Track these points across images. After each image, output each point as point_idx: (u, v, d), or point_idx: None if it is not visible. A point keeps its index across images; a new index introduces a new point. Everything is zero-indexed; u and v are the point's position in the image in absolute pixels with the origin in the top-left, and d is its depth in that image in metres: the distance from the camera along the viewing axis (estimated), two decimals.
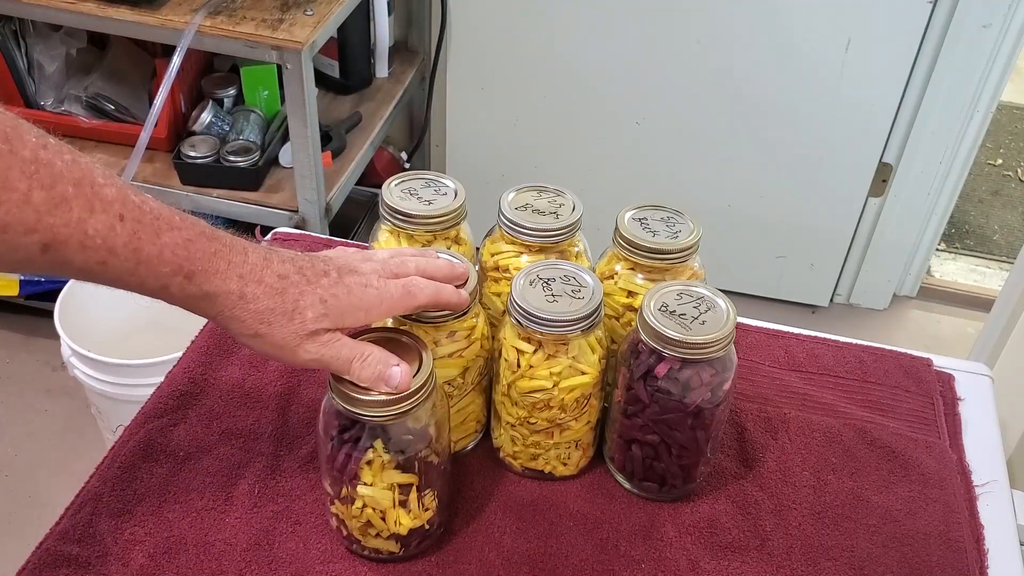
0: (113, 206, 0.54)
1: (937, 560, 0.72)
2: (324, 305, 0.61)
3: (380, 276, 0.65)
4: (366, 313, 0.63)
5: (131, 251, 0.55)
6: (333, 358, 0.62)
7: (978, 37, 1.75)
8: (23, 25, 1.63)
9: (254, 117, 1.63)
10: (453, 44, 1.97)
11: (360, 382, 0.62)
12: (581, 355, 0.70)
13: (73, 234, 0.52)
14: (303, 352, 0.61)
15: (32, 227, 0.51)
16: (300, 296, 0.60)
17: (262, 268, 0.60)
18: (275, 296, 0.60)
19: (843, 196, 1.97)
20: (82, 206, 0.52)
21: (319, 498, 0.73)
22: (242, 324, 0.60)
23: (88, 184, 0.53)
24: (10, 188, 0.50)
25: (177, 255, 0.56)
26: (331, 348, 0.62)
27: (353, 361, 0.62)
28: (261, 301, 0.59)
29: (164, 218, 0.57)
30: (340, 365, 0.62)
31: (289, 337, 0.60)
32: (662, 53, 1.86)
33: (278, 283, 0.60)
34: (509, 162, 2.09)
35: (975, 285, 2.27)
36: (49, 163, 0.51)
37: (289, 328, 0.60)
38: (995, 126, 2.82)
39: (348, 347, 0.62)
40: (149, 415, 0.79)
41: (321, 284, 0.62)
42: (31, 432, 1.76)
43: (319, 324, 0.61)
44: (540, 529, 0.73)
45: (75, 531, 0.70)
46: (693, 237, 0.74)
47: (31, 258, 0.52)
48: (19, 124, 0.51)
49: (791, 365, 0.90)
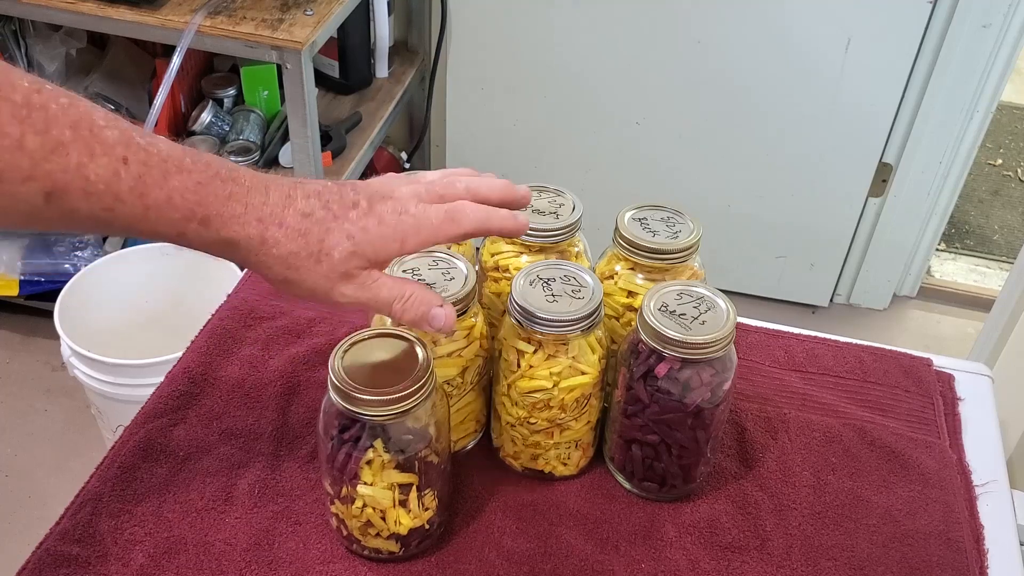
0: (115, 149, 0.51)
1: (937, 560, 0.72)
2: (352, 241, 0.57)
3: (420, 200, 0.60)
4: (401, 244, 0.59)
5: (137, 196, 0.52)
6: (372, 299, 0.59)
7: (978, 37, 1.75)
8: (23, 25, 1.63)
9: (254, 117, 1.63)
10: (453, 44, 1.97)
11: (403, 323, 0.59)
12: (581, 355, 0.70)
13: (73, 180, 0.50)
14: (338, 295, 0.58)
15: (29, 174, 0.48)
16: (325, 235, 0.56)
17: (283, 208, 0.56)
18: (298, 238, 0.56)
19: (843, 196, 1.97)
20: (81, 150, 0.50)
21: (319, 498, 0.73)
22: (269, 270, 0.57)
23: (87, 127, 0.50)
24: (1, 134, 0.47)
25: (187, 200, 0.53)
26: (368, 290, 0.58)
27: (394, 303, 0.59)
28: (283, 245, 0.56)
29: (174, 160, 0.53)
30: (380, 307, 0.59)
31: (320, 281, 0.57)
32: (662, 53, 1.86)
33: (301, 223, 0.56)
34: (509, 162, 2.09)
35: (975, 285, 2.27)
36: (43, 107, 0.49)
37: (318, 271, 0.57)
38: (995, 126, 2.81)
39: (387, 287, 0.59)
40: (149, 415, 0.79)
41: (348, 218, 0.57)
42: (31, 432, 1.76)
43: (349, 264, 0.57)
44: (540, 529, 0.73)
45: (75, 531, 0.70)
46: (693, 237, 0.74)
47: (36, 210, 0.50)
48: (10, 70, 0.49)
49: (791, 365, 0.90)
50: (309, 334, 0.88)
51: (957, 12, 1.73)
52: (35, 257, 1.81)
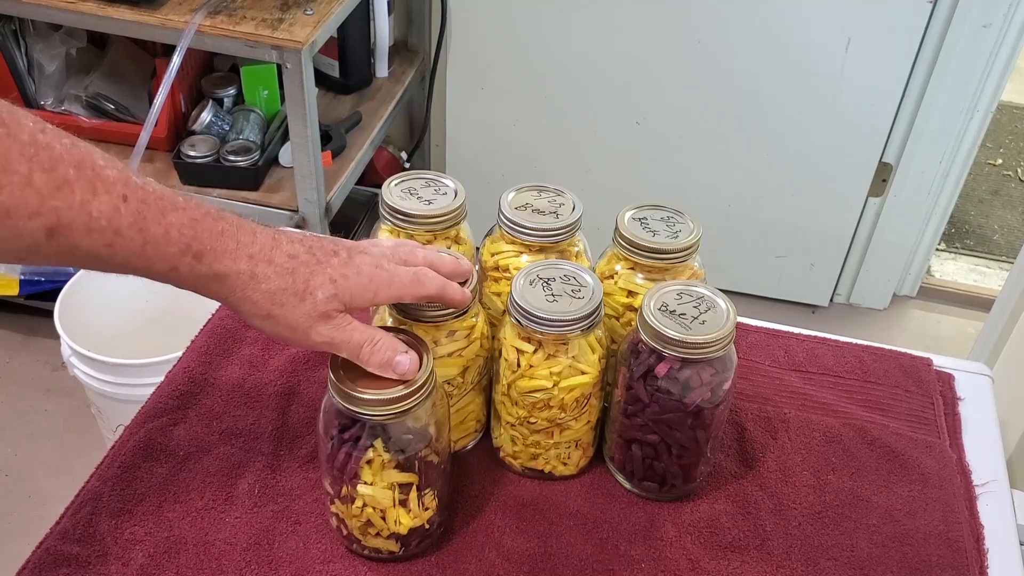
0: (116, 187, 0.53)
1: (937, 560, 0.72)
2: (334, 285, 0.61)
3: (390, 260, 0.65)
4: (375, 294, 0.63)
5: (137, 231, 0.54)
6: (344, 342, 0.62)
7: (978, 37, 1.75)
8: (23, 25, 1.63)
9: (254, 117, 1.63)
10: (453, 44, 1.97)
11: (368, 367, 0.62)
12: (581, 355, 0.70)
13: (77, 216, 0.52)
14: (315, 334, 0.61)
15: (36, 211, 0.50)
16: (311, 276, 0.60)
17: (271, 248, 0.60)
18: (286, 276, 0.59)
19: (843, 196, 1.97)
20: (84, 188, 0.52)
21: (319, 498, 0.73)
22: (254, 305, 0.60)
23: (89, 166, 0.52)
24: (11, 171, 0.49)
25: (184, 234, 0.56)
26: (343, 331, 0.61)
27: (364, 345, 0.62)
28: (272, 281, 0.59)
29: (168, 198, 0.56)
30: (351, 349, 0.62)
31: (301, 319, 0.60)
32: (662, 53, 1.86)
33: (288, 263, 0.60)
34: (509, 162, 2.09)
35: (975, 285, 2.27)
36: (48, 146, 0.51)
37: (301, 309, 0.60)
38: (995, 126, 2.81)
39: (359, 331, 0.62)
40: (149, 415, 0.79)
41: (331, 264, 0.61)
42: (31, 432, 1.76)
43: (330, 305, 0.60)
44: (540, 529, 0.73)
45: (75, 531, 0.70)
46: (693, 237, 0.74)
47: (36, 244, 0.52)
48: (15, 110, 0.51)
49: (791, 365, 0.90)
50: None
51: (957, 12, 1.73)
52: None
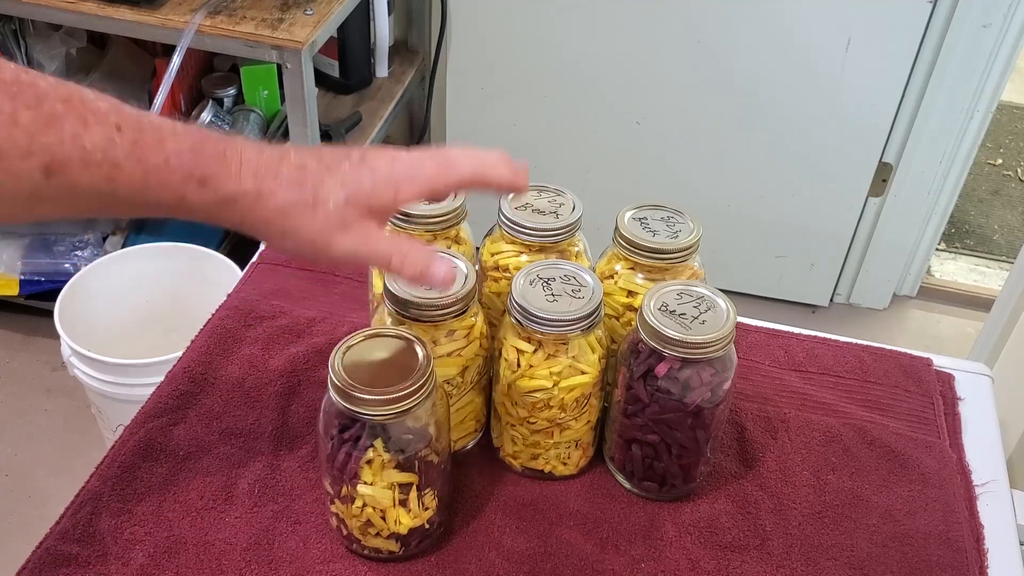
0: (108, 117, 0.52)
1: (937, 560, 0.72)
2: (346, 190, 0.57)
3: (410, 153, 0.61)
4: (395, 192, 0.59)
5: (135, 161, 0.52)
6: (370, 253, 0.59)
7: (978, 37, 1.75)
8: (23, 25, 1.63)
9: (254, 117, 1.63)
10: (453, 44, 1.97)
11: (402, 279, 0.59)
12: (581, 355, 0.70)
13: (71, 151, 0.50)
14: (337, 246, 0.58)
15: (27, 149, 0.49)
16: (319, 184, 0.57)
17: (278, 162, 0.57)
18: (293, 187, 0.57)
19: (843, 196, 1.97)
20: (75, 121, 0.51)
21: (319, 498, 0.73)
22: (267, 226, 0.57)
23: (78, 100, 0.51)
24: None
25: (184, 161, 0.54)
26: (366, 243, 0.58)
27: (393, 257, 0.59)
28: (278, 196, 0.56)
29: (166, 127, 0.54)
30: (378, 260, 0.59)
31: (318, 231, 0.57)
32: (662, 53, 1.86)
33: (296, 174, 0.57)
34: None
35: (975, 285, 2.27)
36: (32, 83, 0.50)
37: (315, 221, 0.57)
38: (995, 126, 2.81)
39: (386, 241, 0.59)
40: (149, 415, 0.79)
41: (342, 168, 0.58)
42: (31, 432, 1.76)
43: (344, 212, 0.57)
44: (540, 529, 0.73)
45: (75, 531, 0.70)
46: (693, 237, 0.74)
47: (37, 188, 0.50)
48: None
49: (791, 365, 0.90)
50: (309, 334, 0.88)
51: (957, 12, 1.73)
52: (35, 257, 1.80)
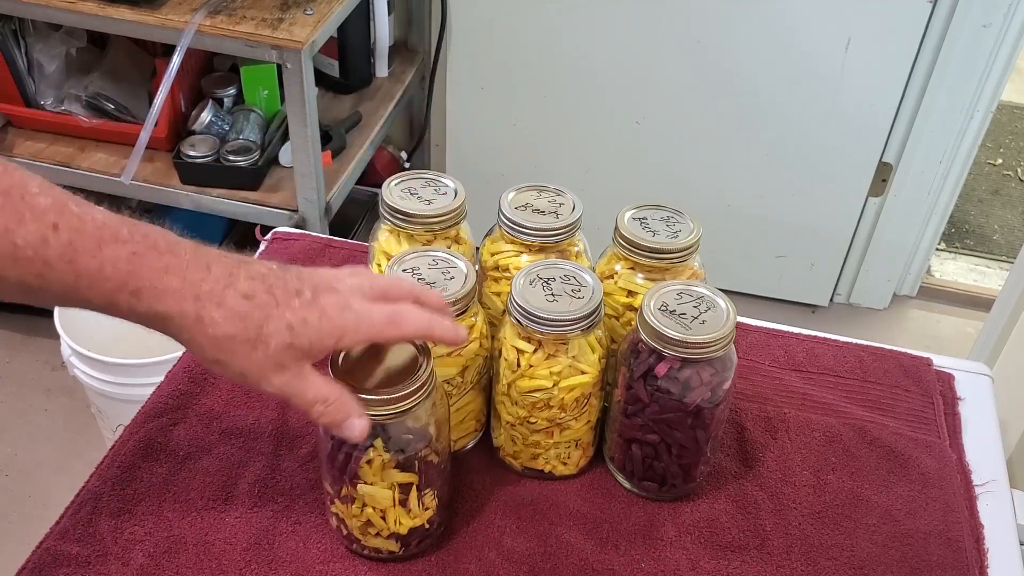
0: (46, 216, 0.51)
1: (937, 560, 0.72)
2: (291, 333, 0.56)
3: (363, 297, 0.59)
4: (338, 340, 0.58)
5: (67, 263, 0.51)
6: (298, 396, 0.58)
7: (978, 37, 1.75)
8: (23, 25, 1.63)
9: (254, 117, 1.63)
10: (453, 44, 1.97)
11: (319, 423, 0.60)
12: (581, 355, 0.70)
13: (1, 246, 0.50)
14: (266, 384, 0.57)
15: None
16: (265, 321, 0.55)
17: (224, 287, 0.55)
18: (236, 321, 0.55)
19: (843, 196, 1.97)
20: (9, 216, 0.50)
21: (319, 498, 0.73)
22: (201, 349, 0.56)
23: (18, 194, 0.50)
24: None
25: (119, 270, 0.52)
26: (297, 386, 0.57)
27: (316, 404, 0.58)
28: (220, 327, 0.55)
29: (109, 229, 0.53)
30: (303, 404, 0.58)
31: (253, 368, 0.56)
32: (662, 53, 1.86)
33: (242, 305, 0.55)
34: (509, 162, 2.09)
35: (975, 285, 2.27)
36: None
37: (252, 358, 0.56)
38: (995, 126, 2.81)
39: (315, 386, 0.58)
40: (149, 415, 0.79)
41: (291, 306, 0.56)
42: (31, 432, 1.76)
43: (284, 355, 0.56)
44: (540, 529, 0.73)
45: (75, 530, 0.70)
46: (693, 237, 0.74)
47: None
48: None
49: (791, 365, 0.90)
50: None
51: (957, 12, 1.73)
52: None
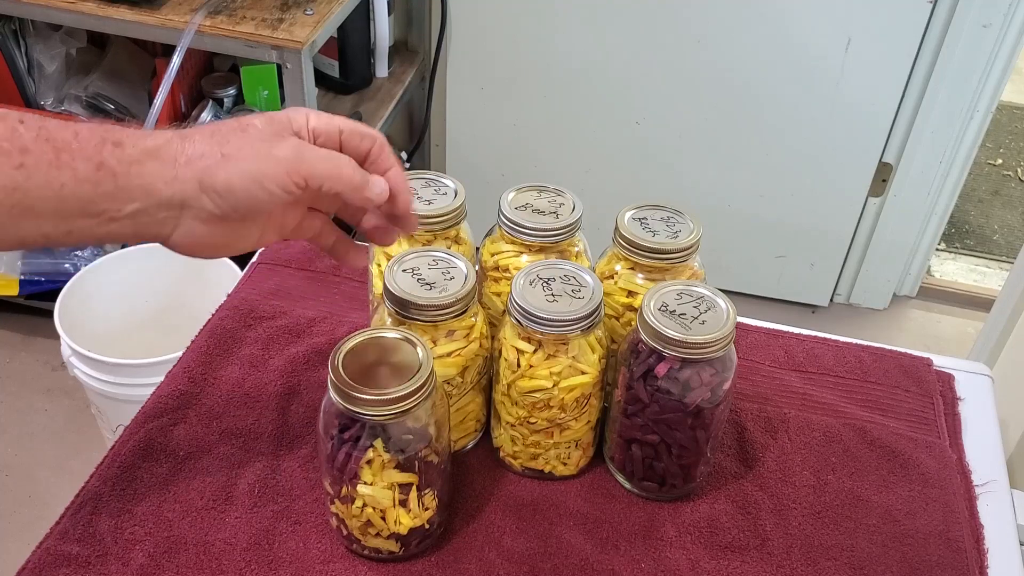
0: (9, 116, 0.52)
1: (937, 560, 0.72)
2: (264, 115, 0.58)
3: None
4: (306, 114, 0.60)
5: (43, 141, 0.52)
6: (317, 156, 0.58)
7: (978, 37, 1.75)
8: (23, 25, 1.63)
9: None
10: (453, 44, 1.97)
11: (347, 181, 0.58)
12: (581, 355, 0.70)
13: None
14: (278, 151, 0.56)
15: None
16: (239, 118, 0.58)
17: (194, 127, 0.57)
18: (215, 124, 0.57)
19: (843, 196, 1.97)
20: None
21: (319, 498, 0.73)
22: (203, 158, 0.55)
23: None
24: None
25: (95, 131, 0.54)
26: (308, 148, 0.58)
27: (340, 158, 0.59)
28: (205, 129, 0.56)
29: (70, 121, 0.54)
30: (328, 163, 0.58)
31: (257, 144, 0.56)
32: (662, 53, 1.86)
33: (212, 125, 0.57)
34: (509, 162, 2.09)
35: (975, 285, 2.27)
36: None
37: (249, 138, 0.56)
38: (995, 126, 2.82)
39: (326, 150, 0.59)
40: (149, 415, 0.79)
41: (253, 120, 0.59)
42: (31, 432, 1.76)
43: (272, 126, 0.57)
44: (540, 529, 0.73)
45: (75, 531, 0.70)
46: (693, 237, 0.74)
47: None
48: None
49: (791, 365, 0.90)
50: (309, 334, 0.88)
51: (957, 12, 1.73)
52: (35, 257, 1.80)
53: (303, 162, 0.57)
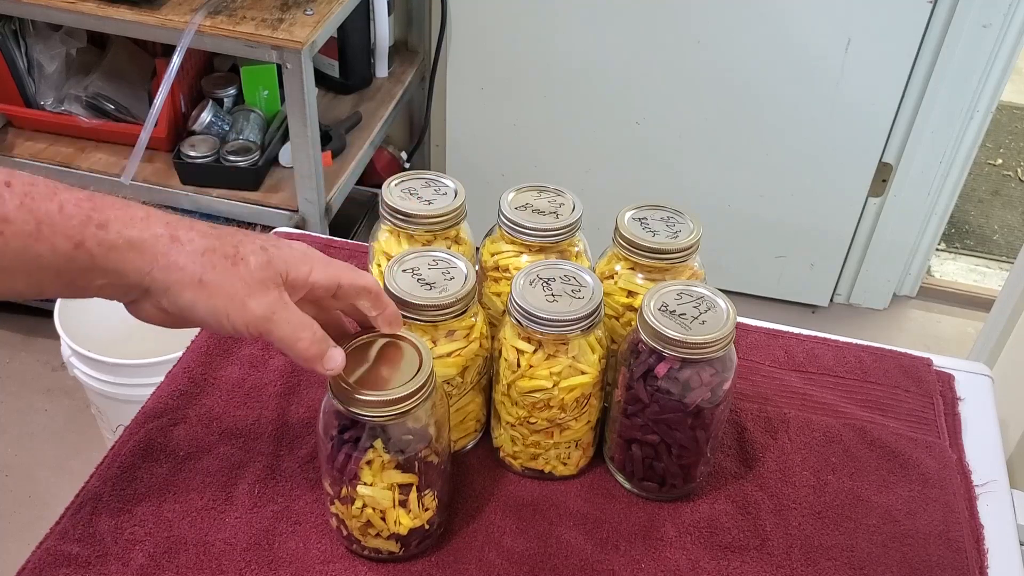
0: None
1: (937, 560, 0.72)
2: (266, 253, 0.57)
3: None
4: (312, 268, 0.60)
5: (27, 212, 0.51)
6: (285, 320, 0.57)
7: (978, 37, 1.75)
8: (23, 25, 1.63)
9: (254, 117, 1.63)
10: (453, 44, 1.97)
11: (300, 355, 0.59)
12: (581, 355, 0.70)
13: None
14: (253, 303, 0.56)
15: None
16: (240, 242, 0.56)
17: (188, 222, 0.56)
18: (212, 239, 0.55)
19: (843, 196, 1.97)
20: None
21: (319, 498, 0.73)
22: (181, 272, 0.54)
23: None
24: None
25: (81, 207, 0.52)
26: (281, 311, 0.57)
27: (304, 331, 0.58)
28: (197, 243, 0.55)
29: (60, 186, 0.53)
30: (289, 329, 0.58)
31: (238, 285, 0.55)
32: (662, 53, 1.86)
33: (212, 230, 0.56)
34: (509, 162, 2.09)
35: (975, 285, 2.27)
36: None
37: (235, 274, 0.55)
38: (995, 126, 2.82)
39: (298, 314, 0.58)
40: (149, 415, 0.79)
41: (259, 236, 0.59)
42: (31, 432, 1.76)
43: (265, 272, 0.57)
44: (540, 529, 0.73)
45: (75, 531, 0.70)
46: (693, 237, 0.74)
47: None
48: None
49: (791, 365, 0.90)
50: None
51: (957, 12, 1.73)
52: None
53: (269, 323, 0.57)
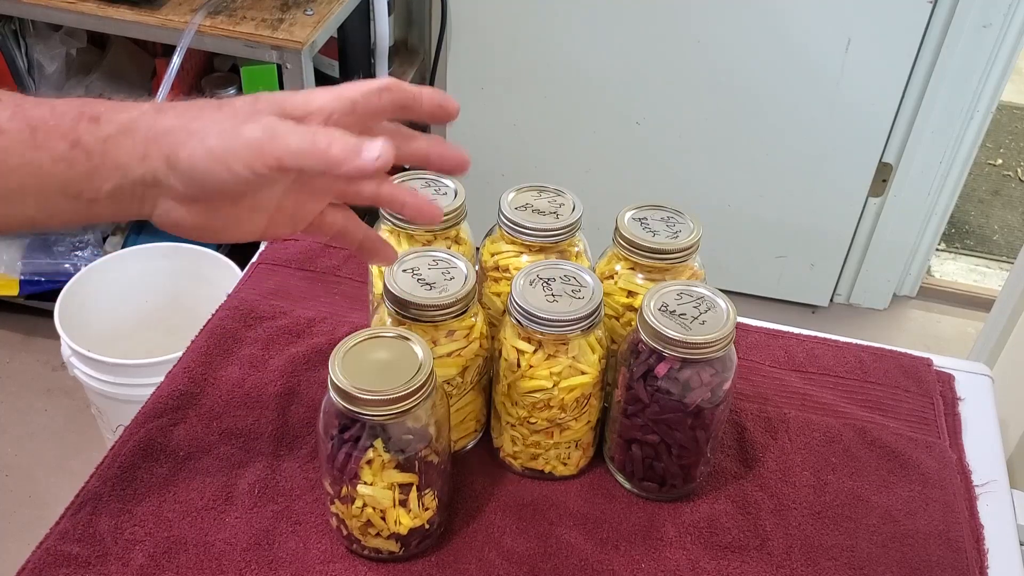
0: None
1: (937, 560, 0.72)
2: (253, 97, 0.55)
3: None
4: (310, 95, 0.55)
5: (20, 120, 0.51)
6: (290, 131, 0.51)
7: (978, 37, 1.75)
8: (23, 25, 1.63)
9: None
10: (453, 44, 1.97)
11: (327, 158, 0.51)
12: (581, 355, 0.70)
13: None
14: (247, 128, 0.51)
15: None
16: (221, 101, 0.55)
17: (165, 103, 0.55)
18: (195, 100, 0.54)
19: (843, 196, 1.97)
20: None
21: (319, 498, 0.73)
22: (168, 134, 0.52)
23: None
24: None
25: (72, 105, 0.52)
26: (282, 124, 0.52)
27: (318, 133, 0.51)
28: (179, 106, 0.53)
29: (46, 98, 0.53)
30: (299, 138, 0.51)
31: (227, 123, 0.52)
32: (662, 53, 1.86)
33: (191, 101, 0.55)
34: (509, 162, 2.09)
35: (975, 285, 2.27)
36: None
37: (222, 114, 0.53)
38: (995, 126, 2.82)
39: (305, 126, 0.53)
40: (149, 415, 0.79)
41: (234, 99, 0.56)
42: (31, 432, 1.76)
43: (253, 106, 0.54)
44: (540, 529, 0.73)
45: (75, 531, 0.70)
46: (693, 237, 0.74)
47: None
48: None
49: (791, 365, 0.90)
50: (309, 334, 0.88)
51: (957, 12, 1.73)
52: (35, 257, 1.81)
53: (275, 140, 0.51)
